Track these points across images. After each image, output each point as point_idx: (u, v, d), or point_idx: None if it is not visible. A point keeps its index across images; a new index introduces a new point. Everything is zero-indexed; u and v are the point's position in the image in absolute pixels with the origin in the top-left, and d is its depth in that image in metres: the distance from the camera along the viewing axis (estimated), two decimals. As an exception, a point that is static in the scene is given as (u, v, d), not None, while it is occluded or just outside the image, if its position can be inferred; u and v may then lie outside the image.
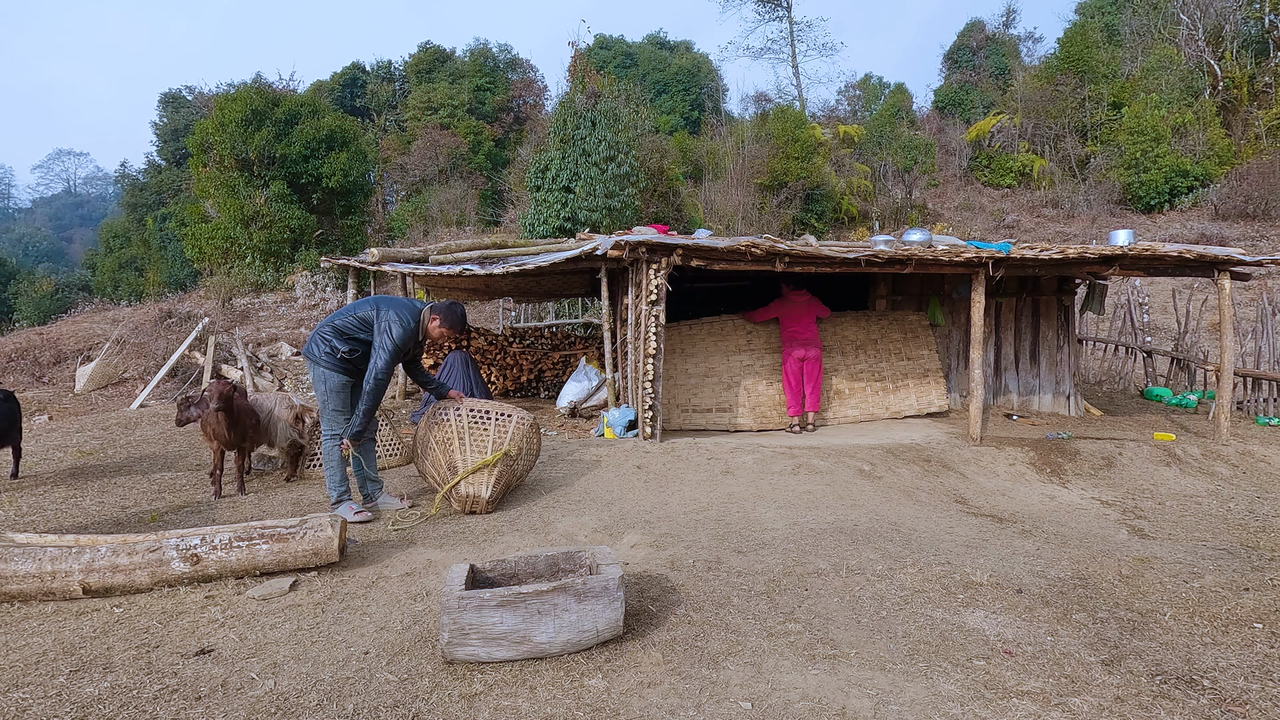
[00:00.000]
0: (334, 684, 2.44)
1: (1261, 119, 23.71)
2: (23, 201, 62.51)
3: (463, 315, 4.57)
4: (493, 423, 4.65)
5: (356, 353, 4.36)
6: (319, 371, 4.38)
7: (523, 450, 4.76)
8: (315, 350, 4.38)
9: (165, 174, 27.52)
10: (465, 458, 4.51)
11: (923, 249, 6.83)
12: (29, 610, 3.07)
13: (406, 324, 4.35)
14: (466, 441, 4.55)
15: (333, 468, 4.47)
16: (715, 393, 7.59)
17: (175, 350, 11.81)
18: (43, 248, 43.68)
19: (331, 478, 4.48)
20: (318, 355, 4.36)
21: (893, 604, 3.09)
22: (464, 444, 4.54)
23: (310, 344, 4.44)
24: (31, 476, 5.92)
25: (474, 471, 4.45)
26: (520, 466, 4.80)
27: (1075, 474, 6.18)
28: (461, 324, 4.56)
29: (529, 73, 33.65)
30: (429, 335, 4.54)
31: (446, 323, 4.49)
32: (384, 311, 4.36)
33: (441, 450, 4.57)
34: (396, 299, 4.54)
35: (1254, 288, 13.71)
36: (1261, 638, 2.81)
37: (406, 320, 4.36)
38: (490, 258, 8.41)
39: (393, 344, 4.27)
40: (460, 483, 4.47)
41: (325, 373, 4.37)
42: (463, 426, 4.62)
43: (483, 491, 4.47)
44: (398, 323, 4.32)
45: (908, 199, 25.03)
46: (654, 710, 2.27)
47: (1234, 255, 6.94)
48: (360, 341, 4.36)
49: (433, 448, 4.61)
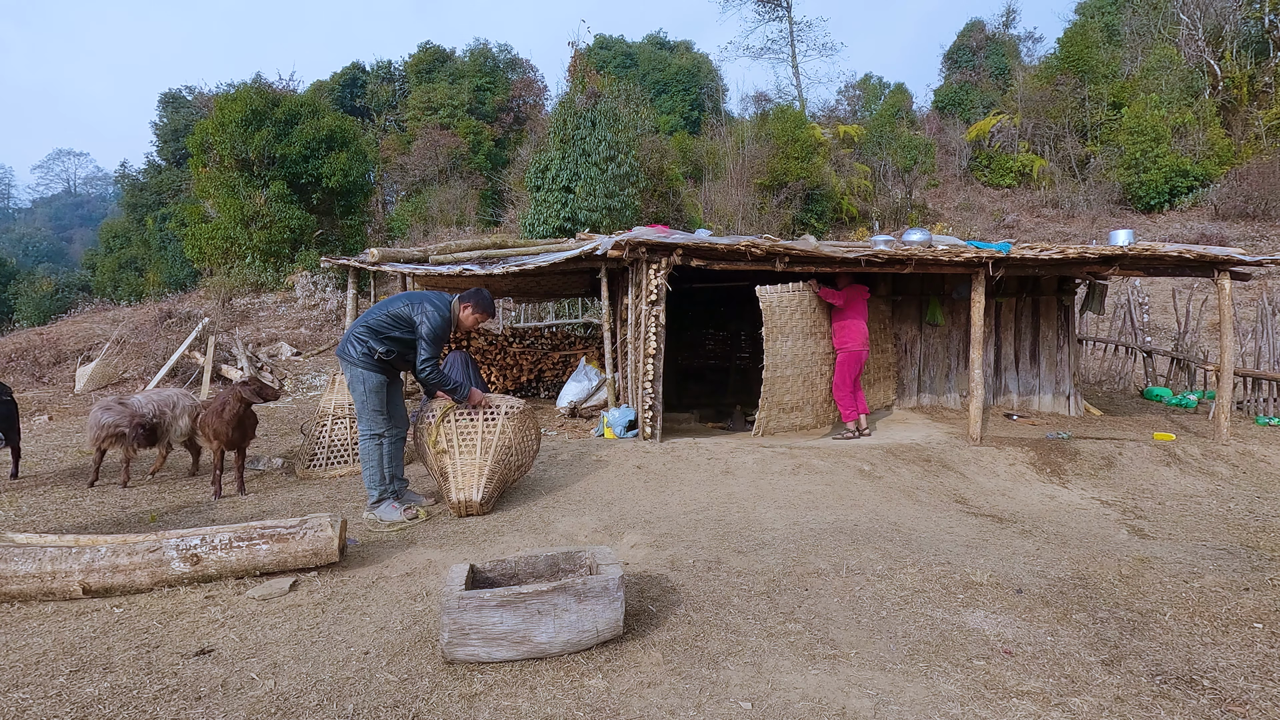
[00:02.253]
0: (334, 684, 2.44)
1: (1261, 119, 23.71)
2: (23, 201, 62.53)
3: (491, 299, 4.58)
4: (481, 422, 4.64)
5: (393, 353, 4.39)
6: (356, 372, 4.39)
7: (513, 445, 4.71)
8: (352, 352, 4.39)
9: (165, 174, 27.50)
10: (455, 462, 4.51)
11: (923, 249, 6.83)
12: (29, 610, 3.07)
13: (442, 312, 4.39)
14: (455, 444, 4.55)
15: (371, 467, 4.47)
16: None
17: (175, 350, 11.81)
18: (43, 248, 43.66)
19: (371, 477, 4.49)
20: (354, 356, 4.37)
21: (893, 604, 3.09)
22: (453, 447, 4.54)
23: (345, 345, 4.44)
24: (31, 476, 5.92)
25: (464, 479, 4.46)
26: (515, 461, 4.76)
27: (1075, 474, 6.18)
28: (492, 308, 4.59)
29: (529, 73, 33.66)
30: (460, 324, 4.57)
31: (478, 309, 4.52)
32: (419, 304, 4.39)
33: (434, 456, 4.57)
34: (426, 293, 4.56)
35: (1254, 288, 13.72)
36: (1261, 638, 2.81)
37: (442, 309, 4.40)
38: (490, 258, 8.41)
39: (432, 331, 4.31)
40: (452, 491, 4.46)
41: (363, 373, 4.38)
42: (450, 430, 4.60)
43: (474, 495, 4.45)
44: (435, 311, 4.36)
45: (908, 199, 25.03)
46: (654, 710, 2.27)
47: (1234, 255, 6.94)
48: (395, 340, 4.38)
49: (426, 450, 4.62)
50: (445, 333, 4.41)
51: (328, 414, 6.24)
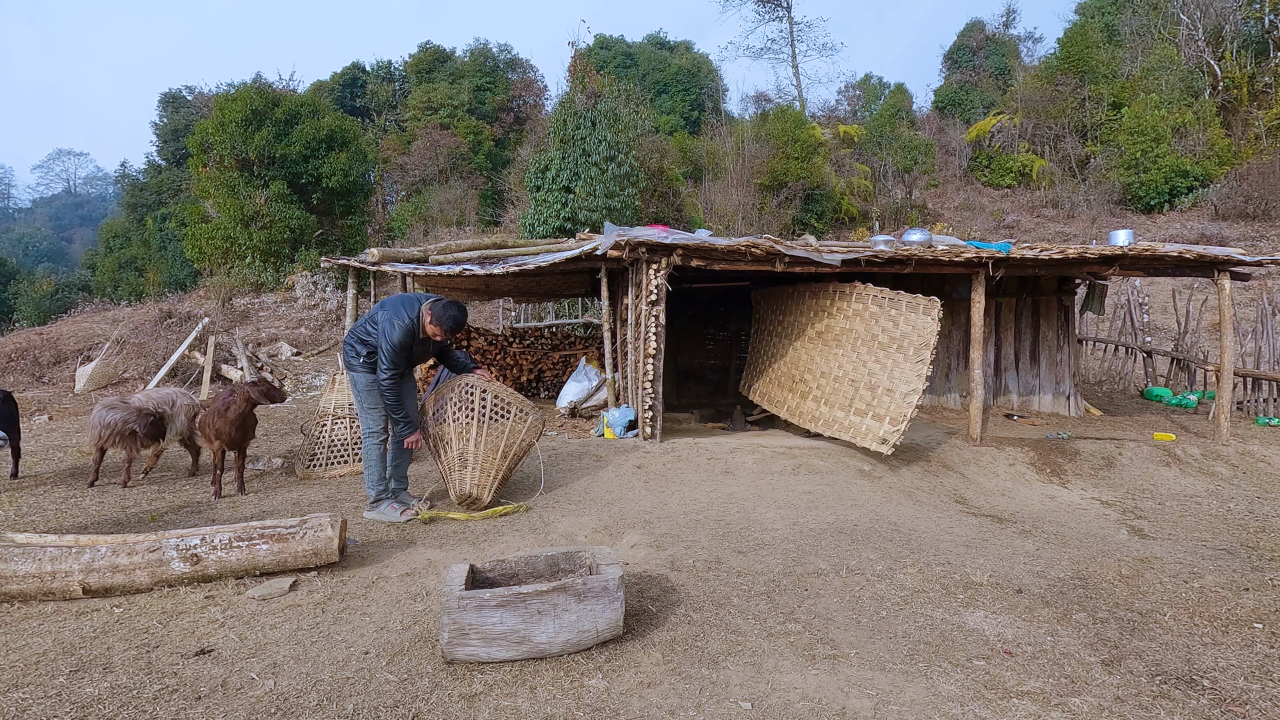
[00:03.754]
0: (334, 684, 2.44)
1: (1261, 119, 23.71)
2: (23, 201, 62.52)
3: (455, 317, 4.43)
4: (486, 419, 4.67)
5: (375, 356, 4.44)
6: (350, 375, 4.58)
7: (514, 447, 4.76)
8: (347, 355, 4.56)
9: (165, 174, 27.50)
10: (478, 453, 4.56)
11: (923, 249, 6.83)
12: (29, 610, 3.07)
13: (405, 322, 4.36)
14: (480, 434, 4.59)
15: (371, 466, 4.55)
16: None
17: (175, 350, 11.81)
18: (43, 248, 43.67)
19: (370, 476, 4.56)
20: (350, 361, 4.53)
21: (893, 604, 3.09)
22: (479, 436, 4.58)
23: (344, 349, 4.61)
24: (31, 476, 5.92)
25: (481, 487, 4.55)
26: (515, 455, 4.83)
27: (1075, 474, 6.18)
28: (454, 326, 4.43)
29: (529, 73, 33.66)
30: (426, 332, 4.51)
31: (435, 320, 4.42)
32: (383, 314, 4.41)
33: (457, 442, 4.60)
34: (403, 297, 4.53)
35: (1254, 288, 13.71)
36: (1261, 638, 2.81)
37: (405, 319, 4.37)
38: (490, 258, 8.41)
39: (390, 345, 4.31)
40: (459, 482, 4.54)
41: (355, 375, 4.55)
42: (469, 420, 4.64)
43: (484, 496, 4.58)
44: (394, 323, 4.35)
45: (908, 199, 25.03)
46: (654, 710, 2.27)
47: (1234, 255, 6.94)
48: (375, 345, 4.44)
49: (447, 441, 4.64)
50: (404, 343, 4.34)
51: (328, 414, 6.23)
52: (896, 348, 5.99)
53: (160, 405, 5.69)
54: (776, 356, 7.81)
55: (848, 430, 6.08)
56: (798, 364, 7.25)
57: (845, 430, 6.10)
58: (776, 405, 7.44)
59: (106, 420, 5.41)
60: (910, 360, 5.84)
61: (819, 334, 6.99)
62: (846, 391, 6.33)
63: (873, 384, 6.08)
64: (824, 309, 6.97)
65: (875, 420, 5.89)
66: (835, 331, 6.71)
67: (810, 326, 7.17)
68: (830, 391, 6.54)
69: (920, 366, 5.73)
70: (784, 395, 7.34)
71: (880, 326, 6.21)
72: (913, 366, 5.80)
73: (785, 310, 7.85)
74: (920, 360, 5.76)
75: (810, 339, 7.15)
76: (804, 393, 6.95)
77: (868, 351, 6.24)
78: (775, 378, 7.72)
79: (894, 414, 5.76)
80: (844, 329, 6.60)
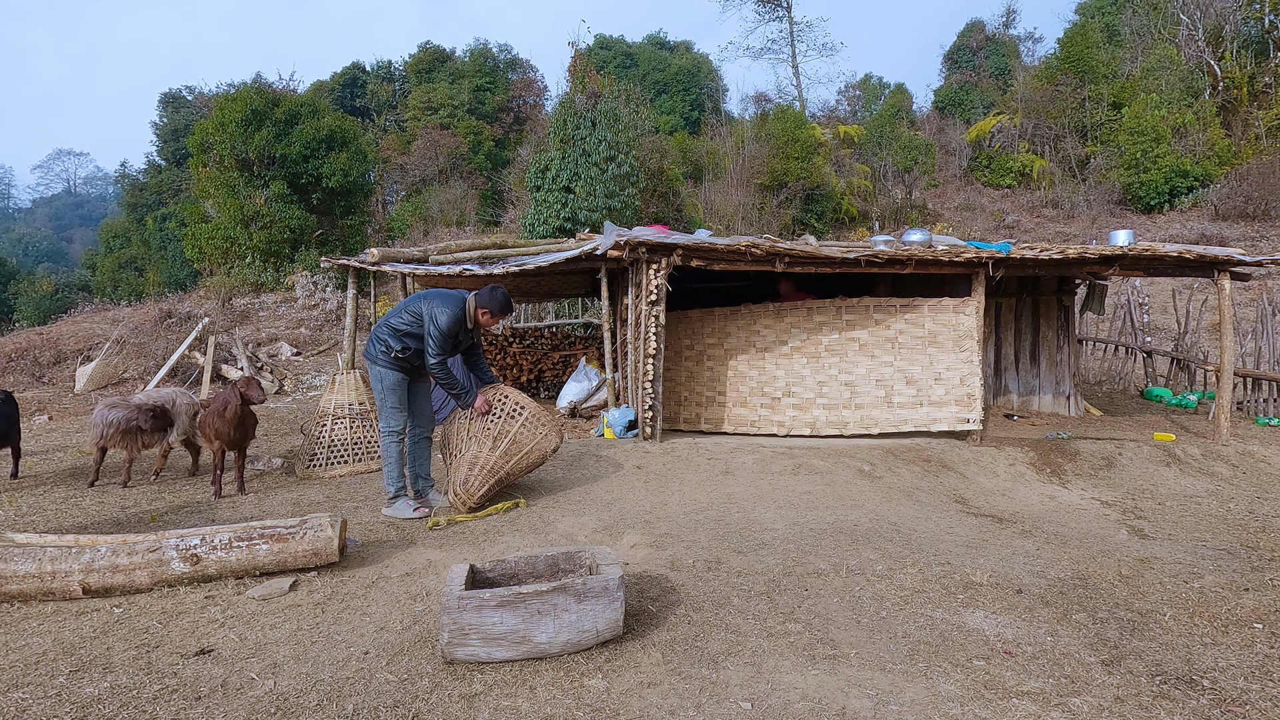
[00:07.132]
0: (334, 684, 2.44)
1: (1261, 119, 23.71)
2: (23, 201, 62.52)
3: (505, 297, 4.57)
4: (507, 422, 4.70)
5: (410, 350, 4.47)
6: (376, 370, 4.53)
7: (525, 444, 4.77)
8: (373, 350, 4.53)
9: (165, 174, 27.51)
10: (486, 456, 4.60)
11: (923, 249, 6.83)
12: (29, 610, 3.07)
13: (454, 312, 4.43)
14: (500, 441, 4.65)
15: (390, 463, 4.57)
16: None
17: (175, 350, 11.81)
18: (43, 248, 43.64)
19: (389, 473, 4.57)
20: (375, 355, 4.51)
21: (893, 604, 3.09)
22: (497, 444, 4.62)
23: (369, 344, 4.58)
24: (31, 476, 5.92)
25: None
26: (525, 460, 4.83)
27: (1075, 474, 6.18)
28: (506, 307, 4.57)
29: (529, 73, 33.67)
30: (479, 323, 4.60)
31: (493, 310, 4.52)
32: (430, 302, 4.46)
33: (476, 441, 4.65)
34: (444, 291, 4.60)
35: (1254, 288, 13.71)
36: (1261, 638, 2.81)
37: (454, 309, 4.44)
38: (490, 258, 8.40)
39: (439, 331, 4.36)
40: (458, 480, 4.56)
41: (382, 371, 4.51)
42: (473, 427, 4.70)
43: (476, 496, 4.59)
44: (444, 311, 4.40)
45: (908, 199, 25.03)
46: (654, 710, 2.27)
47: (1234, 255, 6.93)
48: (414, 337, 4.46)
49: (467, 441, 4.68)
50: (454, 332, 4.44)
51: (328, 414, 6.24)
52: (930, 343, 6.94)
53: (161, 404, 5.70)
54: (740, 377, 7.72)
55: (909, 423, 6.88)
56: (775, 380, 7.32)
57: (903, 424, 6.89)
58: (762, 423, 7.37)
59: (109, 419, 5.41)
60: (952, 352, 6.88)
61: (828, 347, 7.22)
62: (874, 392, 7.03)
63: (911, 378, 6.94)
64: (828, 324, 7.26)
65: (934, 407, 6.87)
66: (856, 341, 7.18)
67: (806, 343, 7.29)
68: (846, 397, 7.08)
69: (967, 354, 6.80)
70: (764, 412, 7.34)
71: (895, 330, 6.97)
72: (959, 355, 6.86)
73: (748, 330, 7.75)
74: (964, 349, 6.82)
75: (811, 353, 7.23)
76: (802, 404, 7.10)
77: (892, 351, 7.05)
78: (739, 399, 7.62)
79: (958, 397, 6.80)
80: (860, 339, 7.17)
